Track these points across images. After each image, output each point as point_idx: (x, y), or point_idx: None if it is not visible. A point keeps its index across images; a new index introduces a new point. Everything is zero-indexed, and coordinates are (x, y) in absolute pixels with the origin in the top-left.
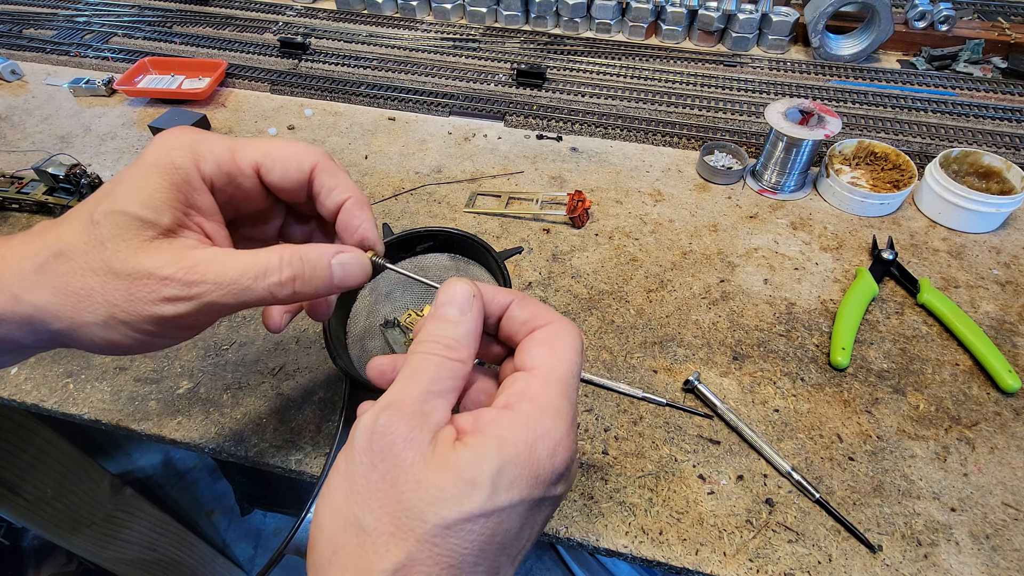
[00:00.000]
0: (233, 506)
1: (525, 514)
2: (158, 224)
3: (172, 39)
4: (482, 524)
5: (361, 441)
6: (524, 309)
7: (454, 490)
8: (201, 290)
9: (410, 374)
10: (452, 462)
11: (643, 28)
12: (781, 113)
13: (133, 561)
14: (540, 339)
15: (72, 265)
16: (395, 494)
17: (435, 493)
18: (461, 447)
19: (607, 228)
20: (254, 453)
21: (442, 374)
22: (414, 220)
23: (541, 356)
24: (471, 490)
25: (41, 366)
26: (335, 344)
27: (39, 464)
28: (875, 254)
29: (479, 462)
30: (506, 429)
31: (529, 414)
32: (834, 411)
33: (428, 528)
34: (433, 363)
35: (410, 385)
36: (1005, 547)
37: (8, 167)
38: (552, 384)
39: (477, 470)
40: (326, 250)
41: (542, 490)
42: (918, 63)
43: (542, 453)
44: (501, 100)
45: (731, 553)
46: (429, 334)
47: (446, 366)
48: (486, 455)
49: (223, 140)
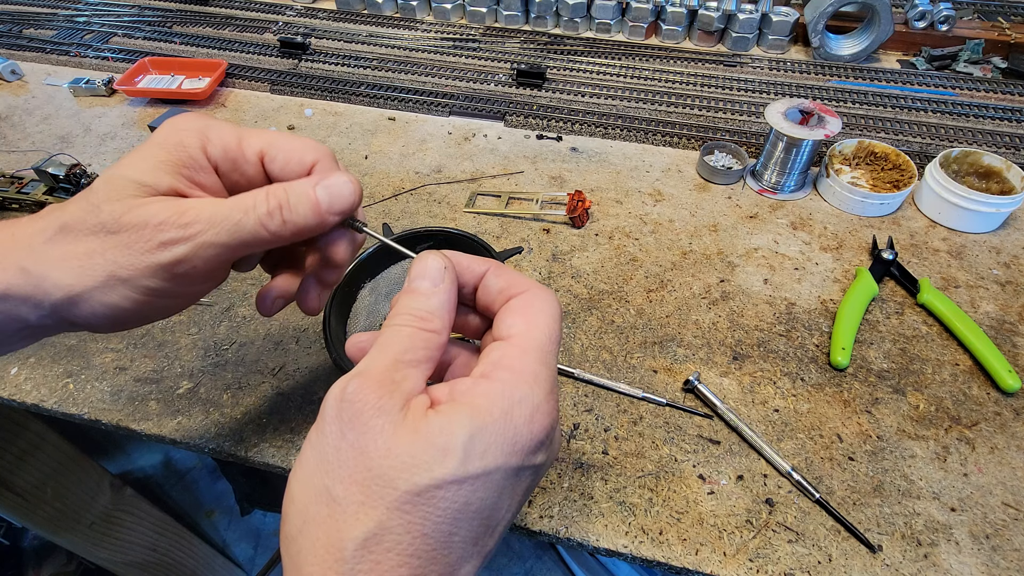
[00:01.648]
0: (233, 506)
1: (503, 483)
2: (154, 187)
3: (172, 39)
4: (455, 491)
5: (330, 410)
6: (500, 278)
7: (425, 456)
8: (195, 230)
9: (381, 345)
10: (423, 429)
11: (643, 28)
12: (781, 113)
13: (133, 561)
14: (516, 307)
15: (74, 234)
16: (364, 462)
17: (405, 460)
18: (433, 414)
19: (607, 228)
20: (254, 453)
21: (415, 344)
22: (414, 220)
23: (517, 324)
24: (443, 457)
25: (41, 366)
26: (335, 344)
27: (31, 459)
28: (875, 254)
29: (451, 428)
30: (481, 396)
31: (505, 381)
32: (834, 411)
33: (398, 495)
34: (405, 334)
35: (380, 355)
36: (1005, 547)
37: (8, 167)
38: (529, 351)
39: (449, 436)
40: (310, 180)
41: (520, 458)
42: (918, 63)
43: (519, 420)
44: (501, 100)
45: (731, 553)
46: (402, 307)
47: (419, 336)
48: (458, 422)
49: (232, 127)
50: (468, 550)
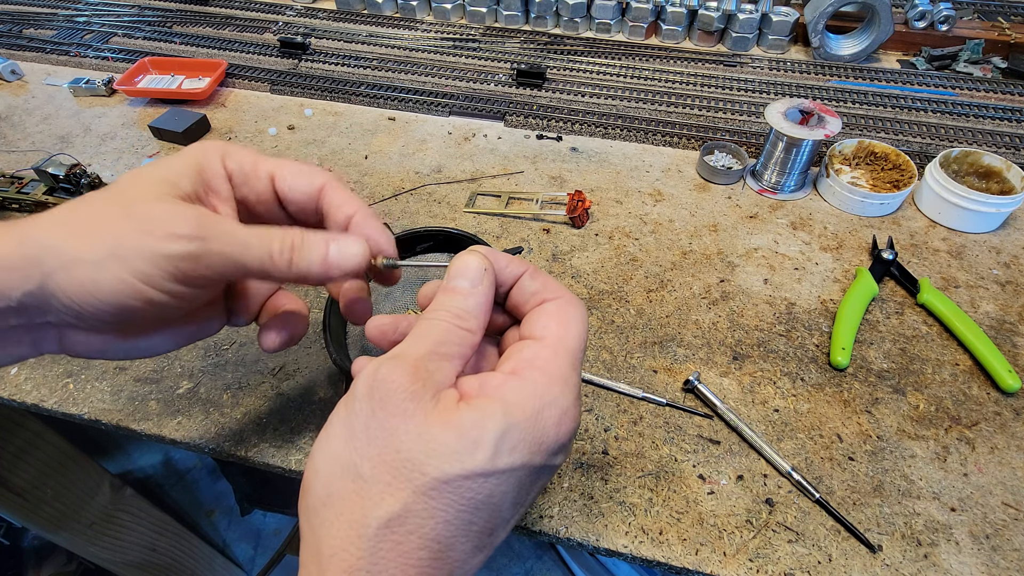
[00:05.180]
0: (233, 506)
1: (524, 480)
2: (178, 186)
3: (172, 39)
4: (481, 483)
5: (362, 388)
6: (535, 280)
7: (456, 446)
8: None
9: (417, 335)
10: (455, 420)
11: (643, 28)
12: (781, 113)
13: (133, 561)
14: (550, 311)
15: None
16: (394, 443)
17: (436, 447)
18: (465, 407)
19: (607, 228)
20: (254, 453)
21: (450, 338)
22: (414, 220)
23: (551, 327)
24: (474, 449)
25: (41, 366)
26: (335, 344)
27: (31, 459)
28: (875, 254)
29: (484, 422)
30: (513, 393)
31: (537, 381)
32: (834, 411)
33: (426, 481)
34: (441, 327)
35: (416, 343)
36: (1005, 547)
37: (8, 167)
38: (561, 354)
39: (481, 430)
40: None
41: (543, 458)
42: (918, 63)
43: (548, 421)
44: (501, 100)
45: (731, 553)
46: (440, 304)
47: (455, 332)
48: (491, 416)
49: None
50: (483, 540)
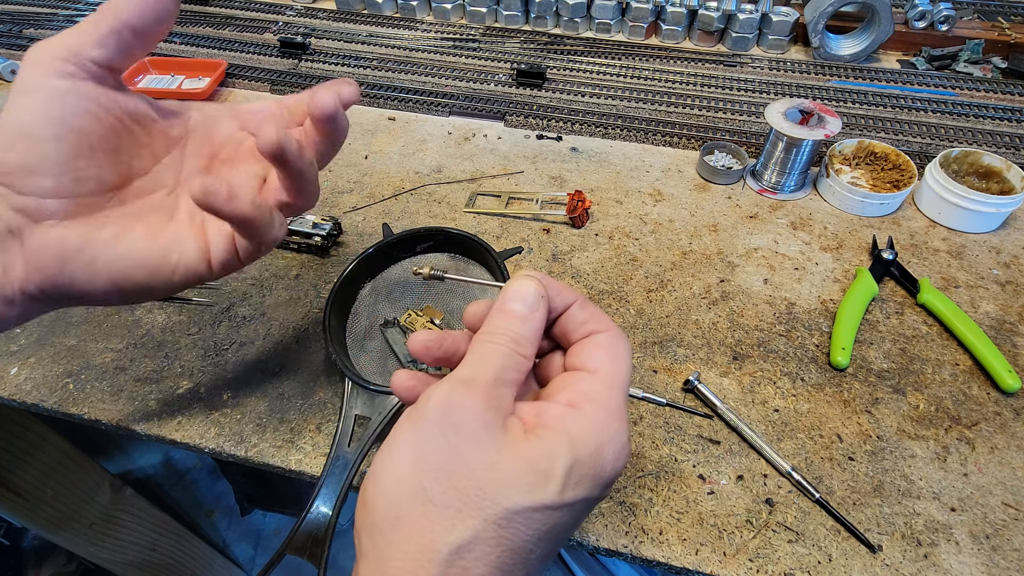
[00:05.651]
0: (233, 506)
1: (582, 511)
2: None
3: (172, 39)
4: (547, 515)
5: (435, 412)
6: (585, 310)
7: (528, 478)
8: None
9: (481, 359)
10: (525, 451)
11: (643, 28)
12: (781, 113)
13: (133, 561)
14: (602, 343)
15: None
16: (466, 471)
17: (509, 478)
18: (534, 439)
19: (607, 228)
20: (254, 453)
21: (509, 364)
22: (414, 220)
23: (604, 360)
24: (545, 482)
25: (41, 366)
26: (335, 344)
27: (31, 459)
28: (875, 254)
29: (554, 456)
30: (576, 427)
31: (598, 417)
32: (834, 411)
33: (498, 511)
34: (503, 353)
35: (484, 368)
36: (1005, 547)
37: None
38: (615, 388)
39: (551, 463)
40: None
41: (599, 491)
42: (918, 63)
43: (608, 456)
44: (501, 100)
45: (731, 553)
46: (496, 326)
47: (513, 358)
48: (560, 450)
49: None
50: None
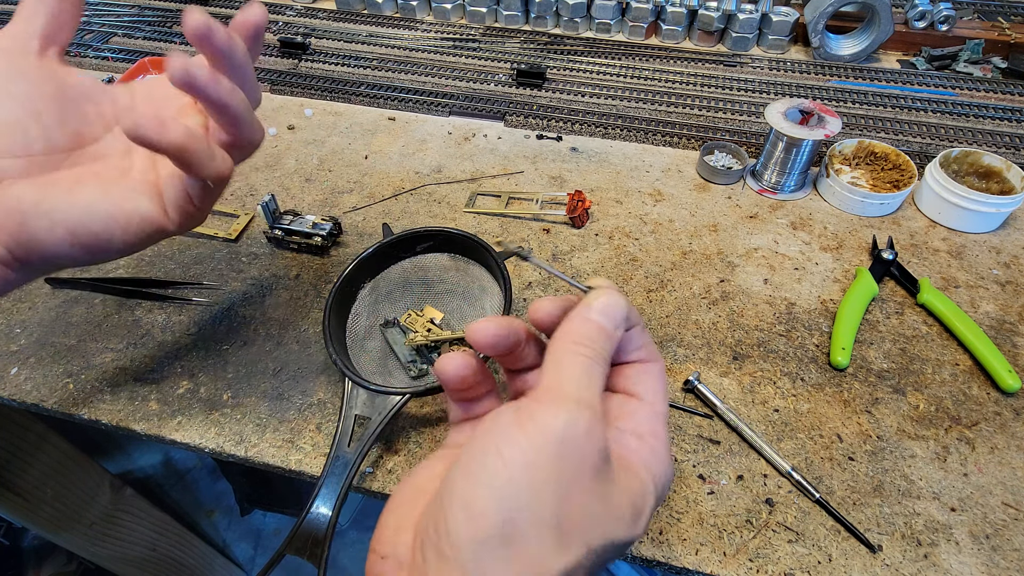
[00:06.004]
0: (233, 506)
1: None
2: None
3: (172, 39)
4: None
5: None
6: (643, 335)
7: (629, 514)
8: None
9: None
10: (626, 488)
11: (643, 28)
12: (781, 113)
13: (133, 561)
14: (655, 373)
15: None
16: (582, 500)
17: (615, 513)
18: (633, 478)
19: (607, 228)
20: (254, 453)
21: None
22: (414, 220)
23: (658, 392)
24: (637, 519)
25: (41, 366)
26: (335, 344)
27: (31, 459)
28: (875, 254)
29: (646, 497)
30: (654, 465)
31: (660, 453)
32: (834, 411)
33: (601, 543)
34: (600, 372)
35: (590, 389)
36: (1005, 547)
37: None
38: (663, 421)
39: (644, 502)
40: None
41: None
42: (918, 63)
43: (664, 490)
44: (501, 100)
45: (731, 553)
46: (587, 339)
47: (601, 376)
48: (649, 490)
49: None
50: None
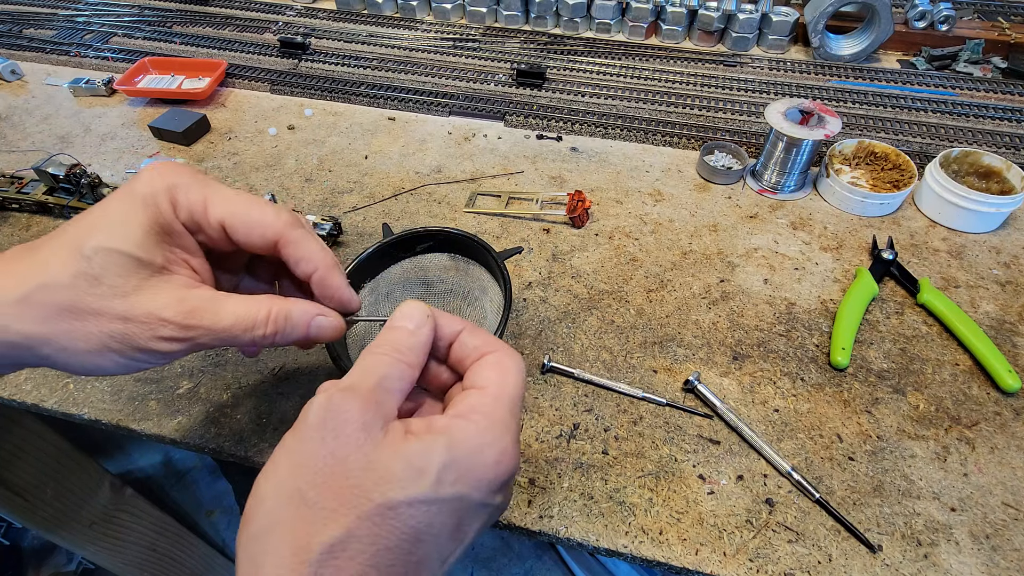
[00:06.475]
0: (233, 506)
1: (463, 513)
2: (152, 264)
3: (172, 39)
4: (423, 511)
5: (314, 418)
6: (475, 336)
7: (402, 474)
8: (195, 334)
9: (365, 368)
10: (403, 450)
11: (643, 28)
12: (781, 113)
13: (133, 561)
14: (490, 362)
15: (60, 298)
16: (342, 471)
17: (383, 474)
18: (413, 438)
19: (607, 228)
20: (254, 453)
21: (393, 372)
22: (414, 220)
23: (492, 377)
24: (418, 477)
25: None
26: (335, 344)
27: (31, 459)
28: (875, 254)
29: (429, 453)
30: (457, 431)
31: (480, 423)
32: (834, 411)
33: (372, 507)
34: (386, 362)
35: (365, 376)
36: (1005, 547)
37: (8, 167)
38: (501, 400)
39: (426, 460)
40: (307, 310)
41: (483, 494)
42: (918, 63)
43: (488, 459)
44: (501, 100)
45: (731, 553)
46: (385, 340)
47: (397, 367)
48: (436, 449)
49: (199, 189)
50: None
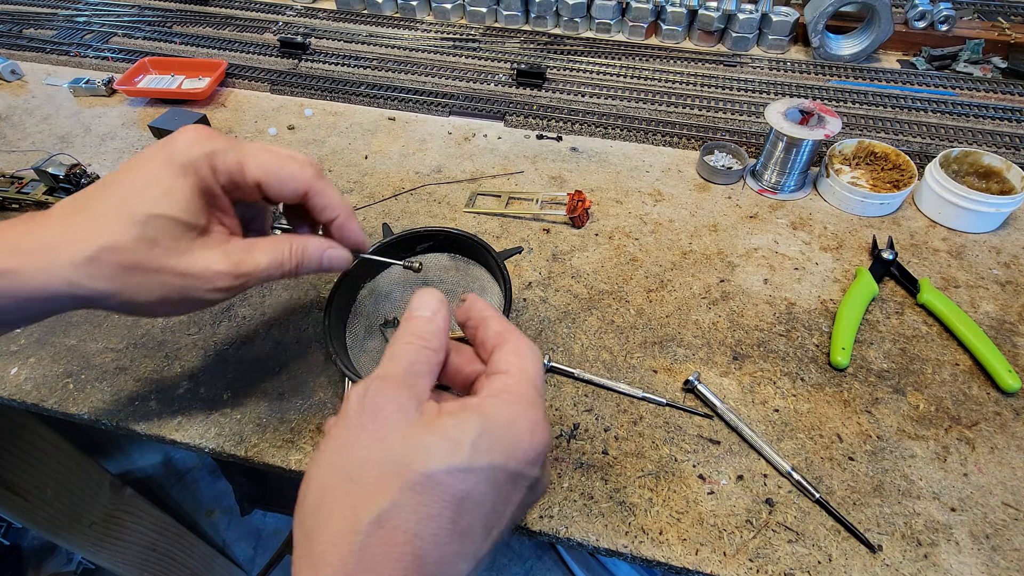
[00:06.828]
0: (233, 506)
1: (502, 483)
2: (198, 226)
3: (172, 39)
4: (461, 479)
5: (354, 405)
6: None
7: (439, 446)
8: (243, 281)
9: (393, 356)
10: (438, 425)
11: (643, 28)
12: (781, 113)
13: (133, 561)
14: (511, 348)
15: (125, 258)
16: (384, 448)
17: (421, 448)
18: (447, 415)
19: (607, 228)
20: (254, 453)
21: (420, 357)
22: (414, 220)
23: (513, 361)
24: (454, 448)
25: (41, 366)
26: (335, 344)
27: (32, 459)
28: (875, 254)
29: (462, 426)
30: (489, 408)
31: (509, 400)
32: (834, 411)
33: (413, 476)
34: (411, 349)
35: (394, 363)
36: (1005, 547)
37: (8, 167)
38: (525, 381)
39: (460, 432)
40: (320, 245)
41: (519, 464)
42: (918, 63)
43: (521, 430)
44: (501, 100)
45: (731, 553)
46: (406, 330)
47: (422, 352)
48: (469, 422)
49: (235, 153)
50: (465, 547)
